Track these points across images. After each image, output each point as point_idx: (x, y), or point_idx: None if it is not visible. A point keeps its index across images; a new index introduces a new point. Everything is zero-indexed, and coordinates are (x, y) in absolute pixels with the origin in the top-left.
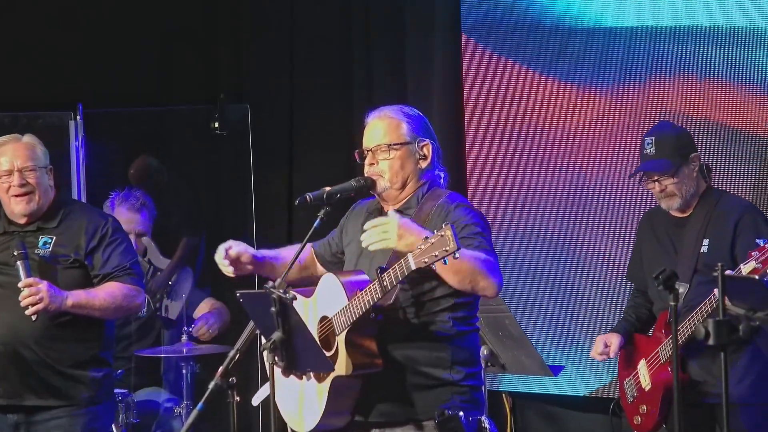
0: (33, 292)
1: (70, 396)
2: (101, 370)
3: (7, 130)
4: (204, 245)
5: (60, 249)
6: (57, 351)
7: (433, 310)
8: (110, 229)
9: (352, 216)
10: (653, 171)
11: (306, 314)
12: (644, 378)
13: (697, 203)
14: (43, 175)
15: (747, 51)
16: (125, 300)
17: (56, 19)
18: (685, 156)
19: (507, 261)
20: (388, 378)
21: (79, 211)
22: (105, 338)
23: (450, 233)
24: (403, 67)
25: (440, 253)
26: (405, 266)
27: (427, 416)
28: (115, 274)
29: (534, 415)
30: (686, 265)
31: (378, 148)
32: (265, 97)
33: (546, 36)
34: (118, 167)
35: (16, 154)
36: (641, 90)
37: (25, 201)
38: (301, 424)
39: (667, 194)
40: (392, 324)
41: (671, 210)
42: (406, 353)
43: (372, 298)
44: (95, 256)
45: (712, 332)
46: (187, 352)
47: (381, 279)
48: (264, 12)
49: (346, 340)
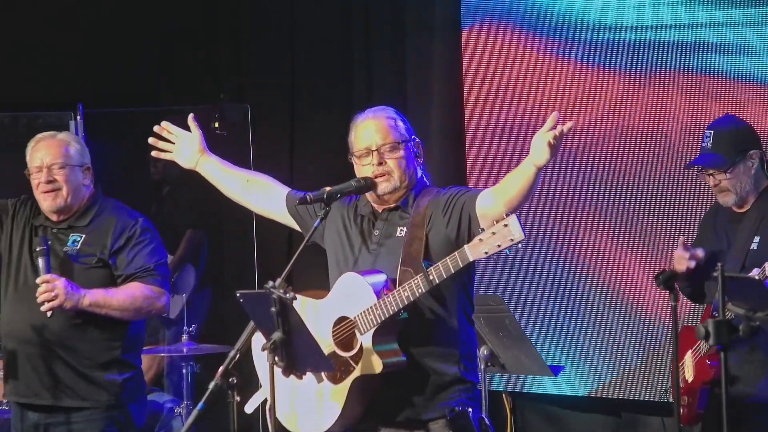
0: (49, 289)
1: (88, 398)
2: (123, 374)
3: (7, 130)
4: (206, 245)
5: (87, 248)
6: (77, 351)
7: (444, 305)
8: (138, 229)
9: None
10: (706, 165)
11: (315, 316)
12: (688, 370)
13: (755, 200)
14: (74, 173)
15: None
16: (145, 301)
17: (56, 19)
18: (743, 152)
19: (507, 261)
20: (400, 377)
21: (111, 210)
22: (128, 340)
23: (514, 221)
24: (403, 67)
25: (504, 242)
26: (460, 258)
27: (437, 414)
28: (137, 275)
29: (534, 415)
30: (736, 261)
31: (384, 147)
32: (265, 97)
33: (546, 36)
34: (118, 167)
35: (47, 152)
36: (642, 90)
37: (51, 197)
38: (304, 427)
39: (721, 189)
40: (410, 320)
41: (726, 205)
42: (418, 350)
43: (413, 293)
44: (120, 257)
45: (712, 332)
46: (187, 352)
47: (427, 273)
48: (264, 12)
49: (373, 339)
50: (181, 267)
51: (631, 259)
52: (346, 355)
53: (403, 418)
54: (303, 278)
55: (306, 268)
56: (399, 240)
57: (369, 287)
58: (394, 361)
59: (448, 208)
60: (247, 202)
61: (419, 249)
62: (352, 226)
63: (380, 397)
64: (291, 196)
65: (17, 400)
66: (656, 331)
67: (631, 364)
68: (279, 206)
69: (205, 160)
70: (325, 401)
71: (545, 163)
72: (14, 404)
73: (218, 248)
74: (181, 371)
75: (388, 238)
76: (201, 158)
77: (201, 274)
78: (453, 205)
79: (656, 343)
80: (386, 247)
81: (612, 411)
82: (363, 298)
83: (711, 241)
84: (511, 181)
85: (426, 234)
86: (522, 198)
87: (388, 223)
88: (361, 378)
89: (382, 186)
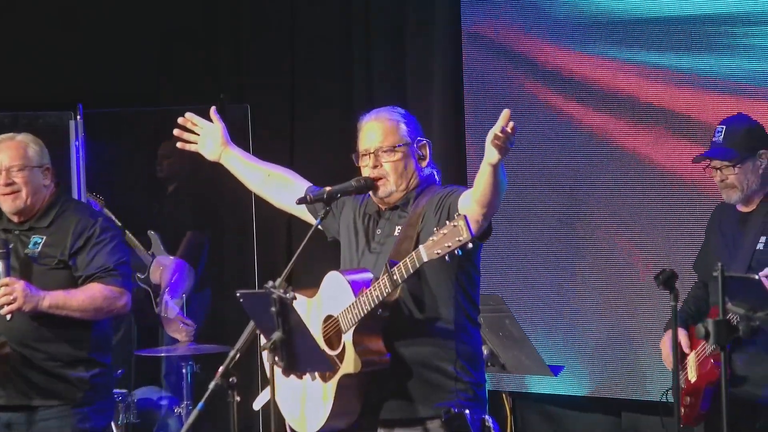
0: (7, 292)
1: (58, 396)
2: (90, 371)
3: (8, 130)
4: (206, 245)
5: (48, 249)
6: (43, 351)
7: (436, 304)
8: (98, 229)
9: (349, 204)
10: (716, 158)
11: (309, 314)
12: (691, 371)
13: (762, 200)
14: (33, 174)
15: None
16: (105, 302)
17: (56, 19)
18: (753, 149)
19: (507, 260)
20: (394, 376)
21: (72, 210)
22: (94, 339)
23: (463, 222)
24: (403, 67)
25: (453, 243)
26: (416, 258)
27: (433, 414)
28: (97, 275)
29: (534, 415)
30: (742, 261)
31: (380, 150)
32: (265, 97)
33: (546, 36)
34: (118, 167)
35: (5, 154)
36: (642, 89)
37: (10, 199)
38: (304, 426)
39: (727, 185)
40: (396, 320)
41: (730, 201)
42: (411, 350)
43: (381, 292)
44: (80, 257)
45: (712, 332)
46: (186, 351)
47: (391, 273)
48: (264, 12)
49: (353, 338)
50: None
51: (632, 258)
52: (333, 354)
53: (400, 417)
54: (303, 278)
55: (306, 268)
56: (396, 239)
57: (348, 286)
58: (375, 359)
59: (439, 207)
60: (269, 196)
61: (408, 248)
62: (360, 226)
63: (377, 395)
64: (309, 191)
65: None
66: (657, 331)
67: (632, 364)
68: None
69: (228, 153)
70: (319, 400)
71: (496, 161)
72: None
73: (218, 248)
74: (181, 371)
75: (388, 237)
76: (224, 151)
77: (200, 275)
78: (443, 204)
79: (657, 343)
80: (386, 246)
81: (612, 411)
82: (343, 297)
83: (717, 242)
84: (477, 180)
85: (417, 233)
86: (490, 195)
87: (390, 223)
88: (345, 377)
89: (380, 189)
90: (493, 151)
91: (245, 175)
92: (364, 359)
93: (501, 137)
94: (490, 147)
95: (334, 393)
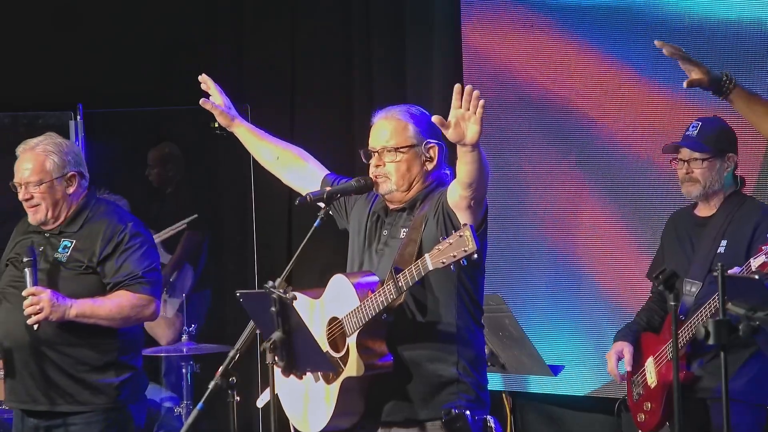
0: (34, 302)
1: (86, 402)
2: (120, 376)
3: (8, 130)
4: (206, 245)
5: (77, 254)
6: (72, 356)
7: (439, 307)
8: (127, 235)
9: (361, 200)
10: (688, 147)
11: (312, 315)
12: (651, 375)
13: (721, 205)
14: (51, 188)
15: None
16: (132, 310)
17: (56, 19)
18: (722, 151)
19: (507, 259)
20: (396, 378)
21: (102, 214)
22: (123, 342)
23: (469, 233)
24: (403, 67)
25: (459, 253)
26: (422, 267)
27: (434, 415)
28: (125, 283)
29: (534, 415)
30: (701, 264)
31: (384, 150)
32: (265, 97)
33: (546, 36)
34: (118, 167)
35: (24, 167)
36: (642, 86)
37: (32, 213)
38: (307, 425)
39: (691, 179)
40: (399, 323)
41: (689, 197)
42: (413, 351)
43: (386, 298)
44: (108, 264)
45: (712, 332)
46: (187, 351)
47: (396, 280)
48: (264, 12)
49: (357, 341)
50: (179, 268)
51: (632, 258)
52: (337, 356)
53: (401, 417)
54: (303, 278)
55: (306, 268)
56: (400, 242)
57: (353, 289)
58: (378, 363)
59: (436, 209)
60: (279, 174)
61: (412, 252)
62: (367, 225)
63: (379, 396)
64: (327, 180)
65: (17, 406)
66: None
67: None
68: (312, 187)
69: (237, 129)
70: (321, 401)
71: (469, 140)
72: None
73: (218, 248)
74: (181, 371)
75: (393, 239)
76: (232, 126)
77: (200, 275)
78: (438, 205)
79: None
80: (390, 248)
81: (612, 411)
82: (348, 300)
83: (674, 247)
84: (458, 167)
85: (420, 237)
86: (474, 178)
87: (396, 225)
88: (348, 379)
89: (380, 187)
90: (456, 133)
91: (255, 150)
92: (368, 363)
93: (461, 117)
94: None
95: (337, 395)
